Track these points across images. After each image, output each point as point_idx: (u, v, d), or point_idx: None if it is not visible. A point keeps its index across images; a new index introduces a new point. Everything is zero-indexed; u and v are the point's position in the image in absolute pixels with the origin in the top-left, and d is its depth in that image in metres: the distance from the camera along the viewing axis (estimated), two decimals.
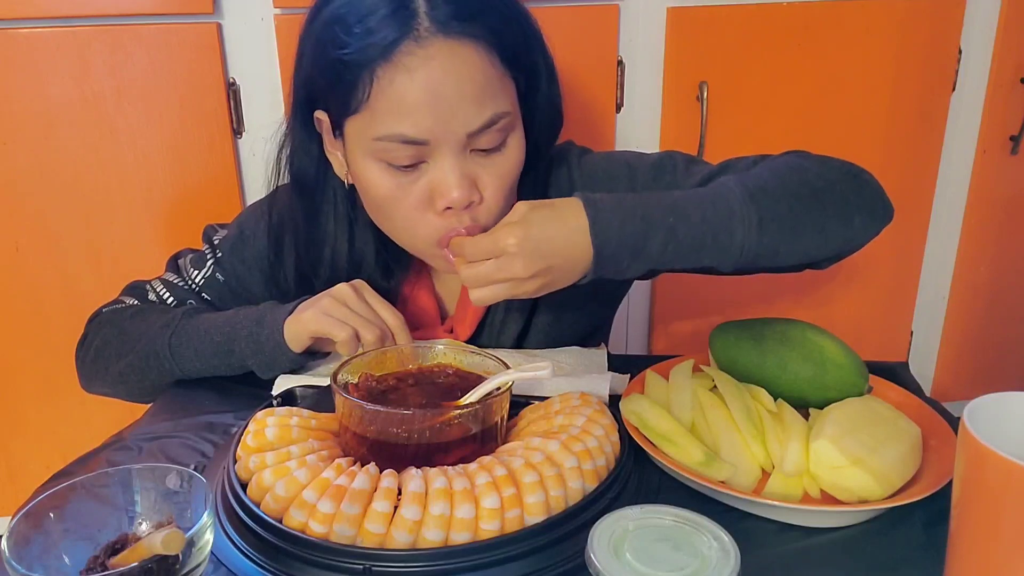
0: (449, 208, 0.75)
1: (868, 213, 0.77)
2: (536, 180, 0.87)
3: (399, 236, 0.81)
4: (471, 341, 0.90)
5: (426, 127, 0.71)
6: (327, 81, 0.74)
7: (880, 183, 0.80)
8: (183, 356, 0.84)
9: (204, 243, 0.95)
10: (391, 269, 0.87)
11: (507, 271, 0.68)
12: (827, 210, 0.74)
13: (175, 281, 0.93)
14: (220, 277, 0.92)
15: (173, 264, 0.95)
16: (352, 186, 0.82)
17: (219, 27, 1.23)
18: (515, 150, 0.77)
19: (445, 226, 0.76)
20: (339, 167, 0.82)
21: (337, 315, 0.78)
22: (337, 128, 0.77)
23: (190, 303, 0.92)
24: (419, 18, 0.70)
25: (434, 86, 0.70)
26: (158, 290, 0.93)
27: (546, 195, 0.88)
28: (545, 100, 0.82)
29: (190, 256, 0.95)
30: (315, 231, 0.87)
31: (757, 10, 1.33)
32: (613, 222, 0.68)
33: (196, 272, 0.93)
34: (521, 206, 0.69)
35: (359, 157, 0.76)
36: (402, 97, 0.70)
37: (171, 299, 0.93)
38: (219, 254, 0.93)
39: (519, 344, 0.91)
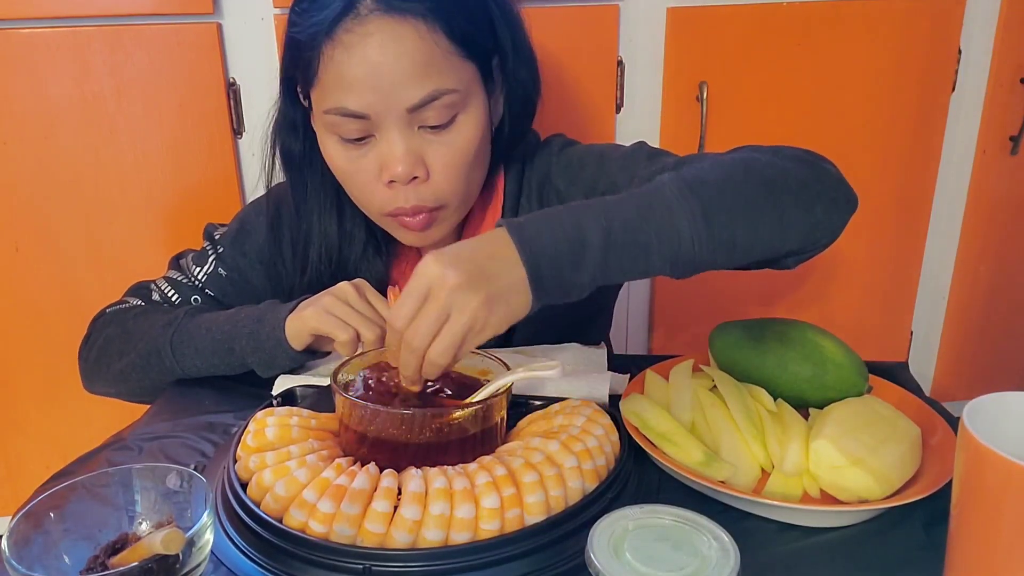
0: (393, 182, 0.77)
1: (830, 201, 0.72)
2: (519, 169, 0.88)
3: (360, 207, 0.84)
4: None
5: (366, 102, 0.74)
6: (291, 57, 0.79)
7: (839, 170, 0.75)
8: (184, 354, 0.84)
9: (205, 240, 0.95)
10: (380, 246, 0.89)
11: (442, 291, 0.58)
12: (782, 198, 0.69)
13: (178, 279, 0.94)
14: (222, 272, 0.93)
15: (175, 263, 0.96)
16: None
17: (219, 27, 1.23)
18: (468, 128, 0.78)
19: (390, 199, 0.79)
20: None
21: (339, 313, 0.78)
22: (307, 100, 0.81)
23: (195, 300, 0.93)
24: None
25: (371, 62, 0.73)
26: (163, 288, 0.93)
27: (521, 183, 0.90)
28: (514, 80, 0.83)
29: (192, 254, 0.95)
30: (305, 204, 0.88)
31: (757, 10, 1.33)
32: (542, 233, 0.61)
33: (199, 269, 0.93)
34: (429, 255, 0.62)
35: (320, 131, 0.80)
36: (342, 72, 0.73)
37: (176, 297, 0.93)
38: (220, 249, 0.93)
39: (510, 333, 0.91)
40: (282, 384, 0.80)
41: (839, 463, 0.63)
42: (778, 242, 0.69)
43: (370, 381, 0.68)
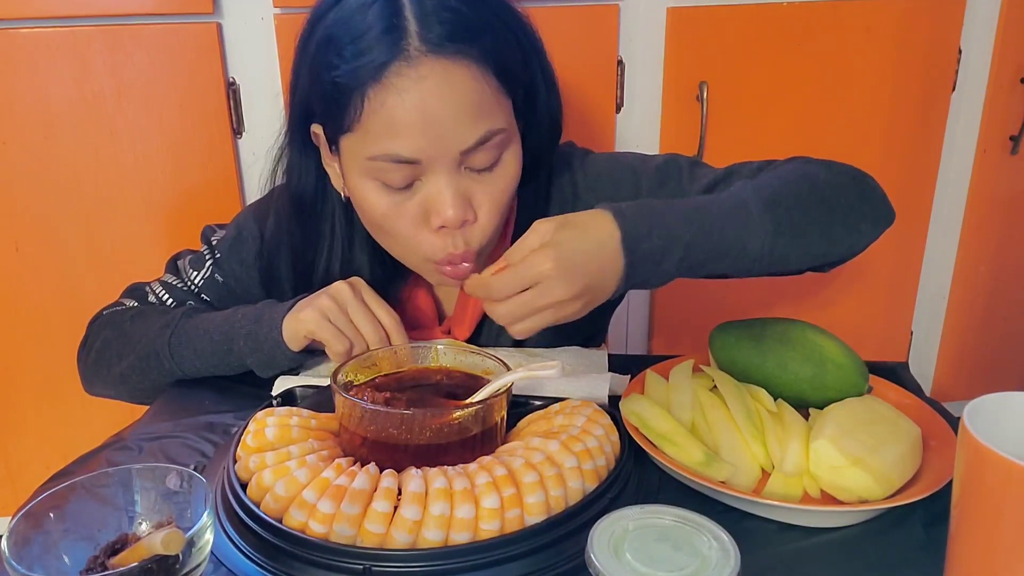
0: (443, 227, 0.74)
1: (873, 219, 0.78)
2: (538, 188, 0.86)
3: (396, 252, 0.81)
4: (470, 342, 0.90)
5: (418, 147, 0.70)
6: (321, 100, 0.74)
7: (881, 187, 0.81)
8: (183, 356, 0.84)
9: (203, 244, 0.95)
10: (387, 279, 0.87)
11: (548, 296, 0.64)
12: (835, 217, 0.75)
13: (174, 283, 0.93)
14: (219, 278, 0.92)
15: (172, 265, 0.95)
16: (349, 199, 0.81)
17: (219, 27, 1.23)
18: (511, 166, 0.76)
19: (440, 245, 0.75)
20: (336, 179, 0.81)
21: (335, 321, 0.78)
22: (333, 144, 0.77)
23: (189, 304, 0.92)
24: (410, 38, 0.68)
25: (425, 107, 0.69)
26: (157, 292, 0.93)
27: (548, 201, 0.88)
28: (544, 111, 0.82)
29: (189, 257, 0.95)
30: (311, 246, 0.86)
31: (757, 10, 1.33)
32: (641, 232, 0.66)
33: (195, 273, 0.93)
34: (543, 225, 0.66)
35: (354, 175, 0.75)
36: (393, 118, 0.69)
37: (170, 300, 0.93)
38: (217, 255, 0.93)
39: (519, 344, 0.91)
40: (282, 384, 0.80)
41: (839, 463, 0.63)
42: (822, 257, 0.76)
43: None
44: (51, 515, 0.53)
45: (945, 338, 1.64)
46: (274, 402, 0.74)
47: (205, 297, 0.93)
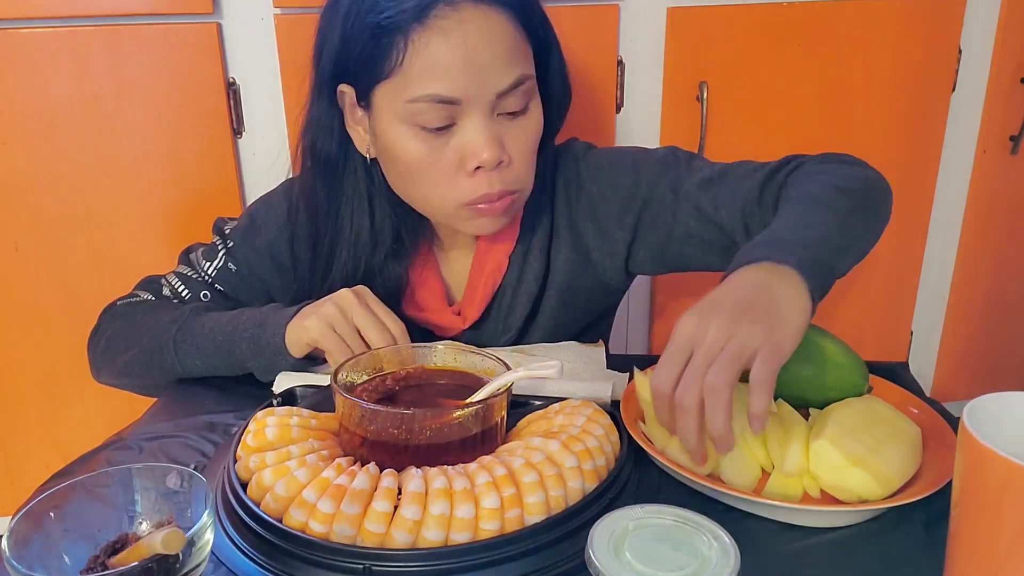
0: (479, 168, 0.77)
1: (886, 218, 0.81)
2: (543, 179, 0.88)
3: (427, 202, 0.82)
4: (479, 324, 0.90)
5: (460, 86, 0.74)
6: (360, 49, 0.76)
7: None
8: (186, 353, 0.85)
9: (215, 235, 0.95)
10: (402, 249, 0.88)
11: (707, 342, 0.58)
12: (871, 228, 0.77)
13: (189, 273, 0.93)
14: (232, 267, 0.93)
15: (185, 258, 0.96)
16: (373, 161, 0.84)
17: (219, 27, 1.23)
18: (536, 115, 0.81)
19: (475, 187, 0.78)
20: (360, 142, 0.84)
21: (339, 329, 0.78)
22: (363, 99, 0.80)
23: (204, 295, 0.92)
24: None
25: (468, 47, 0.73)
26: (172, 283, 0.93)
27: (555, 185, 0.91)
28: (556, 72, 0.85)
29: (201, 249, 0.95)
30: (335, 209, 0.88)
31: (757, 10, 1.33)
32: (816, 284, 0.64)
33: (208, 264, 0.93)
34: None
35: (390, 123, 0.78)
36: (436, 58, 0.73)
37: (186, 292, 0.93)
38: (230, 244, 0.93)
39: (526, 327, 0.92)
40: (282, 382, 0.80)
41: (839, 463, 0.63)
42: (851, 262, 0.75)
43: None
44: (51, 515, 0.54)
45: (945, 338, 1.64)
46: (274, 402, 0.74)
47: (219, 287, 0.93)
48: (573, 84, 0.89)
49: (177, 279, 0.93)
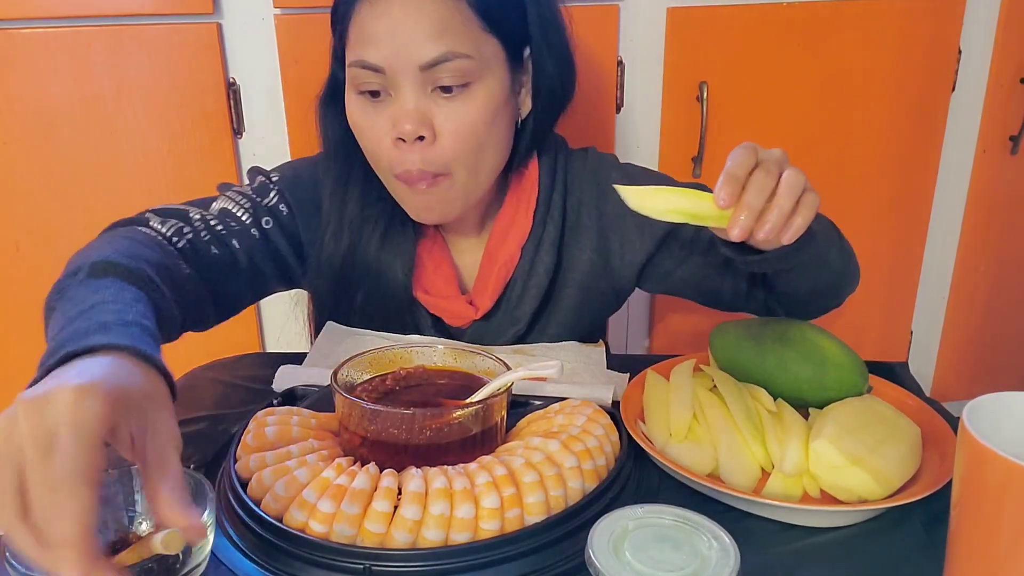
0: (401, 140, 0.78)
1: (853, 284, 0.89)
2: (555, 170, 0.90)
3: (373, 168, 0.85)
4: (489, 314, 0.90)
5: (383, 55, 0.77)
6: (333, 19, 0.83)
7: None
8: (50, 307, 0.71)
9: (258, 176, 0.91)
10: (406, 223, 0.88)
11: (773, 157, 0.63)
12: (847, 265, 0.85)
13: (253, 196, 0.89)
14: (283, 209, 0.89)
15: (226, 187, 0.91)
16: None
17: (219, 27, 1.23)
18: (480, 99, 0.79)
19: (397, 160, 0.80)
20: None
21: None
22: (343, 69, 0.83)
23: (266, 221, 0.88)
24: None
25: (392, 18, 0.76)
26: (235, 200, 0.87)
27: (567, 178, 0.92)
28: (541, 70, 0.84)
29: (253, 183, 0.91)
30: (336, 175, 0.89)
31: (757, 10, 1.33)
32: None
33: (261, 199, 0.89)
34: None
35: (348, 89, 0.82)
36: (365, 25, 0.78)
37: (244, 215, 0.87)
38: (280, 187, 0.90)
39: (536, 319, 0.91)
40: (283, 378, 0.80)
41: (839, 463, 0.63)
42: (821, 302, 0.88)
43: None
44: None
45: (945, 338, 1.64)
46: (274, 401, 0.74)
47: (269, 221, 0.88)
48: None
49: (236, 196, 0.88)
